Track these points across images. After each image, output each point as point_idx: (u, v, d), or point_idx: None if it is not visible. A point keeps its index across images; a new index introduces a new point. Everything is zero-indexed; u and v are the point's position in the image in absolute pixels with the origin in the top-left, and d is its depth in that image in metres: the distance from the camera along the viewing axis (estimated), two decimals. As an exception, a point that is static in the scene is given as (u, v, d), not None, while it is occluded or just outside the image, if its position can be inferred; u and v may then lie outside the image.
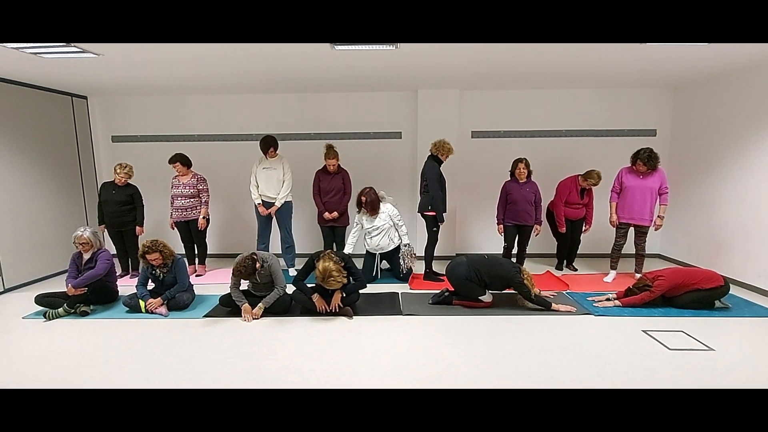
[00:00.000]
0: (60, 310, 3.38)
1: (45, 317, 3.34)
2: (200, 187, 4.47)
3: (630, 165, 4.12)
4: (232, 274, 3.37)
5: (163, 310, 3.41)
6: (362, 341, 2.92)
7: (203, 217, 4.49)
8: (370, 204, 4.19)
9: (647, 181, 4.01)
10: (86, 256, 3.61)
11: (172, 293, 3.49)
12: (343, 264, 3.33)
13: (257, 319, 3.31)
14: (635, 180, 4.05)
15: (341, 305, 3.36)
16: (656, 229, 4.15)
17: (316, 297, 3.38)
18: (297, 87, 4.85)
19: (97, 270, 3.53)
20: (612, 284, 4.13)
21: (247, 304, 3.34)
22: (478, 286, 3.44)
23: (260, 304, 3.35)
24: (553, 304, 3.41)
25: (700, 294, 3.32)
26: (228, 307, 3.45)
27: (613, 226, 4.25)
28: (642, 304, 3.40)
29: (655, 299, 3.40)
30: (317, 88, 4.91)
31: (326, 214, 4.41)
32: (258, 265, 3.38)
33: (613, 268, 4.32)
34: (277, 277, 3.47)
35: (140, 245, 3.55)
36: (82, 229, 3.60)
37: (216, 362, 2.61)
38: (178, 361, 2.64)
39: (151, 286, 3.63)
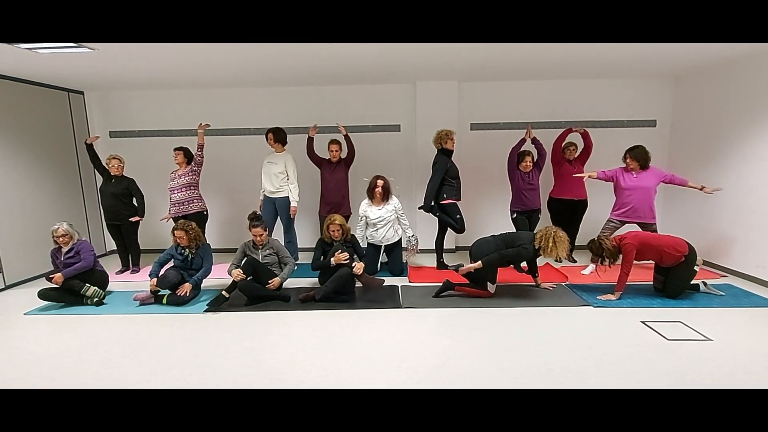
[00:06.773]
0: (92, 291, 3.58)
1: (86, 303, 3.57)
2: (194, 170, 4.42)
3: (624, 165, 4.05)
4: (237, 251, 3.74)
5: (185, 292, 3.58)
6: (362, 334, 2.93)
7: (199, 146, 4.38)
8: (386, 189, 4.21)
9: (642, 181, 3.94)
10: (65, 249, 3.58)
11: (199, 278, 3.69)
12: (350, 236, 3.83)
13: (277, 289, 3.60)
14: (630, 180, 3.97)
15: (360, 275, 3.55)
16: (712, 192, 3.87)
17: (337, 255, 3.59)
18: (294, 80, 4.82)
19: (85, 263, 3.57)
20: (590, 277, 4.10)
21: (237, 269, 3.50)
22: (497, 268, 3.57)
23: (277, 278, 3.58)
24: (538, 279, 3.80)
25: (679, 274, 3.38)
26: (230, 292, 3.53)
27: (583, 179, 4.16)
28: (628, 271, 3.40)
29: (656, 287, 3.53)
30: (315, 81, 4.87)
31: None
32: (262, 226, 3.66)
33: (593, 261, 3.68)
34: (283, 251, 3.74)
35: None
36: (58, 223, 3.58)
37: (217, 357, 2.63)
38: (180, 356, 2.66)
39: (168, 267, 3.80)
